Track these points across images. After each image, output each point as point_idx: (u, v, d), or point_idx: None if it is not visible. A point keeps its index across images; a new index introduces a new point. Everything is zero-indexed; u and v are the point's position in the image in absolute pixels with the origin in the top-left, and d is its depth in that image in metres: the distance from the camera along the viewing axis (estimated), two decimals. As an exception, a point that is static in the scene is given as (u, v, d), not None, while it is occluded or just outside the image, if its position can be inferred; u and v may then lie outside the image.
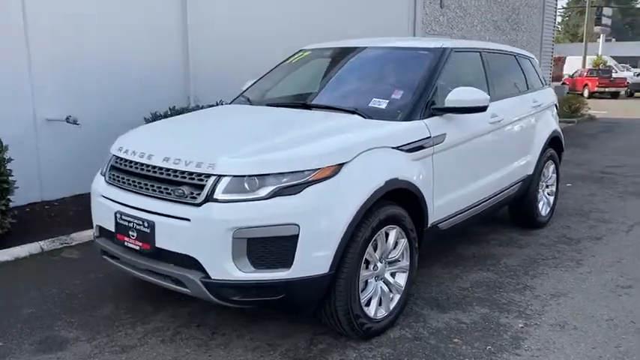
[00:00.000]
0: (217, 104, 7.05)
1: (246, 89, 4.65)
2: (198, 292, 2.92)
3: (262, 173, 2.86)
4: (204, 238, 2.84)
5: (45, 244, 4.74)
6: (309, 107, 3.87)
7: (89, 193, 3.59)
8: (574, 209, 6.27)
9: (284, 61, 4.85)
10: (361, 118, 3.55)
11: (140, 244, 3.05)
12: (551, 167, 5.55)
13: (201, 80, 7.38)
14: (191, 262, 2.91)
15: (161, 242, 2.97)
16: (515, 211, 5.33)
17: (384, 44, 4.53)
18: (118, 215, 3.15)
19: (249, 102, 4.32)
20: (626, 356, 3.11)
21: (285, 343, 3.22)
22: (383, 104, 3.70)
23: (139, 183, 3.15)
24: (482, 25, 13.56)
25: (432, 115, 3.71)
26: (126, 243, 3.14)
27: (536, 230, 5.43)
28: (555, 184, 5.71)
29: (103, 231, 3.40)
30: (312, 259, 2.86)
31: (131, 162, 3.25)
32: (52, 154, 6.04)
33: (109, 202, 3.28)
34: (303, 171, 2.89)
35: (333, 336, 3.29)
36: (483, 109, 3.73)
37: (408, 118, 3.59)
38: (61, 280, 4.13)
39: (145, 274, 3.13)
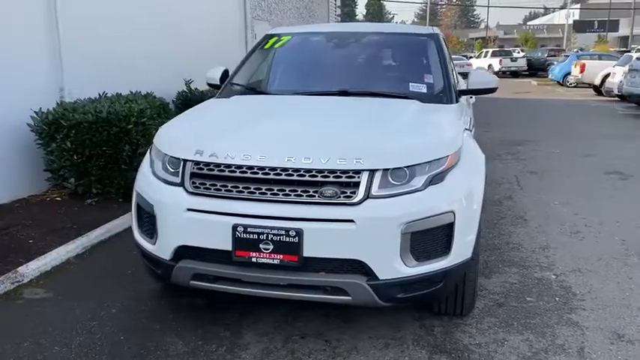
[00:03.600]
0: (100, 96, 6.15)
1: (231, 78, 4.20)
2: (363, 297, 2.71)
3: (411, 164, 2.77)
4: (372, 238, 2.65)
5: (-6, 287, 3.65)
6: (346, 94, 3.74)
7: None
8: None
9: (257, 47, 4.49)
10: (420, 102, 3.60)
11: (280, 256, 2.67)
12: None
13: (78, 70, 6.27)
14: (351, 267, 2.70)
15: (311, 251, 2.66)
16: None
17: (379, 30, 4.56)
18: (240, 229, 2.69)
19: (259, 92, 3.94)
20: (643, 284, 3.88)
21: (405, 334, 3.18)
22: (422, 88, 3.81)
23: (259, 189, 2.73)
24: (290, 11, 14.08)
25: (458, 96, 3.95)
26: (254, 259, 2.70)
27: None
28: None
29: (194, 252, 2.84)
30: (465, 245, 2.89)
31: (232, 166, 2.78)
32: None
33: (210, 216, 2.76)
34: (440, 159, 2.87)
35: (434, 318, 3.35)
36: (495, 89, 4.11)
37: (450, 100, 3.77)
38: (68, 326, 3.27)
39: (283, 291, 2.76)
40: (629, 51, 32.67)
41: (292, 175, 2.71)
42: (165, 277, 3.00)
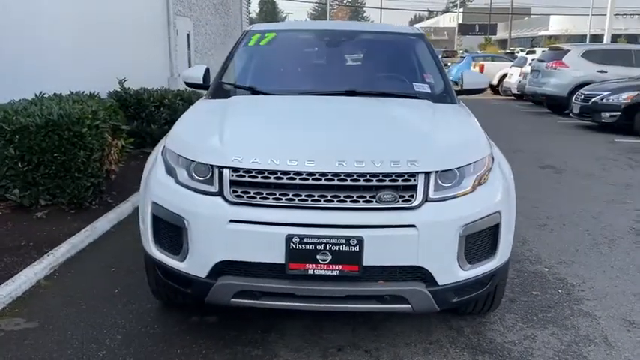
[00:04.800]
0: (37, 96, 5.57)
1: (220, 77, 3.92)
2: (423, 304, 2.63)
3: (461, 165, 2.73)
4: (433, 243, 2.58)
5: (-36, 320, 3.13)
6: (355, 94, 3.61)
7: None
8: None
9: (240, 45, 4.22)
10: (432, 102, 3.57)
11: (340, 266, 2.52)
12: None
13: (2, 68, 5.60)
14: (410, 273, 2.61)
15: (372, 259, 2.53)
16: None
17: (365, 28, 4.47)
18: (296, 239, 2.49)
19: (258, 92, 3.68)
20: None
21: (439, 337, 3.14)
22: (427, 88, 3.78)
23: (311, 196, 2.56)
24: (207, 7, 13.64)
25: (455, 96, 3.98)
26: (310, 271, 2.52)
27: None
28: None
29: (237, 267, 2.60)
30: (508, 245, 2.90)
31: (277, 172, 2.57)
32: None
33: (258, 227, 2.54)
34: (482, 159, 2.86)
35: (458, 318, 3.35)
36: (486, 89, 4.19)
37: (453, 100, 3.78)
38: None
39: (341, 303, 2.61)
40: (512, 53, 35.32)
41: (345, 180, 2.56)
42: (197, 296, 2.73)
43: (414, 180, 2.58)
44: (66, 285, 3.78)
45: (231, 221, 2.56)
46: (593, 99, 11.42)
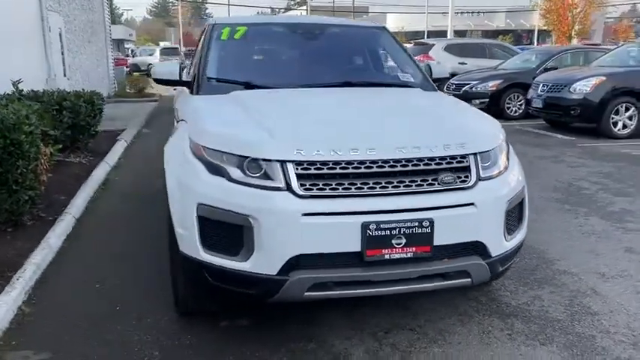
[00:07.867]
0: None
1: (204, 73, 3.73)
2: (481, 277, 2.83)
3: (495, 146, 2.97)
4: (489, 218, 2.79)
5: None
6: (350, 85, 3.70)
7: None
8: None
9: (212, 39, 4.03)
10: (423, 90, 3.76)
11: (413, 249, 2.61)
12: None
13: None
14: (468, 248, 2.79)
15: (440, 239, 2.66)
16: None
17: (334, 22, 4.53)
18: (372, 226, 2.54)
19: (255, 86, 3.58)
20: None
21: (466, 309, 3.36)
22: (410, 77, 3.97)
23: (378, 183, 2.62)
24: (74, 3, 12.58)
25: (427, 85, 4.23)
26: (387, 256, 2.58)
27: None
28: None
29: (310, 260, 2.57)
30: (527, 217, 3.19)
31: (342, 162, 2.59)
32: None
33: (333, 219, 2.54)
34: (503, 140, 3.13)
35: (465, 290, 3.59)
36: (449, 78, 4.50)
37: (434, 88, 4.02)
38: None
39: (414, 284, 2.69)
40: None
41: (407, 165, 2.66)
42: (262, 296, 2.64)
43: (466, 161, 2.76)
44: (53, 307, 3.38)
45: (304, 214, 2.52)
46: (463, 88, 12.53)
